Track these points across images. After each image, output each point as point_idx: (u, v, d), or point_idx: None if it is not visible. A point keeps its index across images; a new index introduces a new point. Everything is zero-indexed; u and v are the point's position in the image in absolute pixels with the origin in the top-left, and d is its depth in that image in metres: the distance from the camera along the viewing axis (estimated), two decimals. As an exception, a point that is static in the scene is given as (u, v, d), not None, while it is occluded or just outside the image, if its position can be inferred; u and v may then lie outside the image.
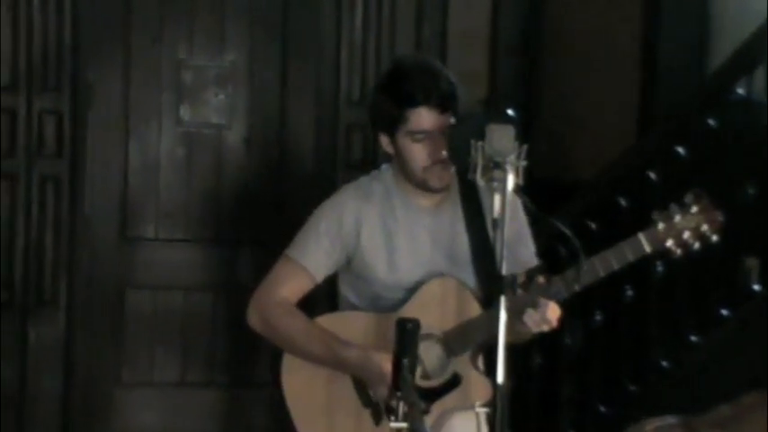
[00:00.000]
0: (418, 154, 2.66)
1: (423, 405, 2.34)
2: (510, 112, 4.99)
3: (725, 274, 4.23)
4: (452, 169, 2.65)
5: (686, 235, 2.61)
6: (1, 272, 5.13)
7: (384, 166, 2.82)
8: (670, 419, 3.98)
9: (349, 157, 5.33)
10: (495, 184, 2.22)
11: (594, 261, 2.57)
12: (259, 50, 5.48)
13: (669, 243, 2.61)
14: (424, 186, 2.70)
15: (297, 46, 5.49)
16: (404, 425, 2.27)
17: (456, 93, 2.71)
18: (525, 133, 2.33)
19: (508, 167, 2.21)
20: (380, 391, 2.58)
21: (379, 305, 2.72)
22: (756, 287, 4.17)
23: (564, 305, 2.49)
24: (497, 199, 2.22)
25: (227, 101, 5.47)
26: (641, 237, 2.61)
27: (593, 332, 4.49)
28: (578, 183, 4.91)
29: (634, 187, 4.37)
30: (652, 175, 4.32)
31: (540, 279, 2.44)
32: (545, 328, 2.58)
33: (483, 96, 5.51)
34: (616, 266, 2.60)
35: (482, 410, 2.47)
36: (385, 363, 2.55)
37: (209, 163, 5.47)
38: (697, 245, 2.62)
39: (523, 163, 2.24)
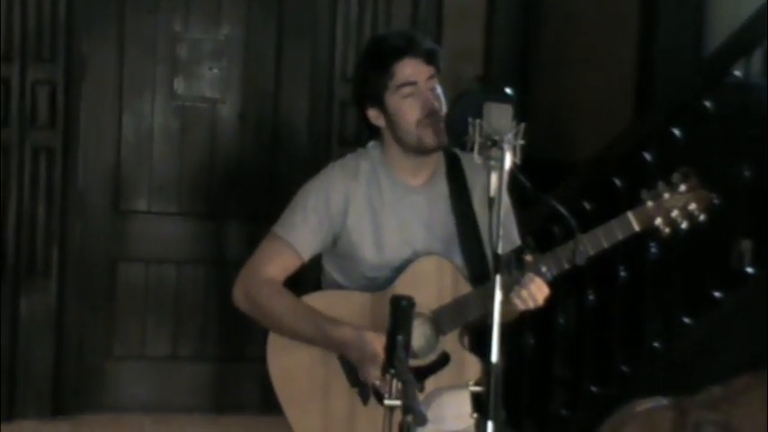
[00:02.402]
0: (409, 108, 2.64)
1: (417, 383, 2.33)
2: (508, 90, 5.00)
3: (718, 256, 4.23)
4: (443, 125, 2.63)
5: (674, 213, 2.61)
6: (-7, 243, 5.12)
7: (370, 144, 2.80)
8: (662, 401, 3.99)
9: (343, 133, 5.32)
10: (492, 162, 2.21)
11: (584, 239, 2.57)
12: (254, 25, 5.46)
13: (658, 221, 2.62)
14: (419, 147, 2.66)
15: (292, 21, 5.47)
16: (397, 402, 2.27)
17: (437, 49, 2.70)
18: (522, 111, 2.31)
19: (505, 146, 2.19)
20: (371, 371, 2.57)
21: (366, 285, 2.69)
22: (749, 269, 4.17)
23: (557, 286, 2.49)
24: (494, 178, 2.20)
25: (222, 75, 5.45)
26: (630, 215, 2.62)
27: (585, 313, 4.49)
28: (575, 163, 4.90)
29: (630, 168, 4.36)
30: (648, 157, 4.31)
31: (528, 257, 2.42)
32: (531, 305, 2.57)
33: (479, 73, 5.50)
34: (605, 244, 2.60)
35: (474, 389, 2.46)
36: (376, 342, 2.54)
37: (202, 137, 5.46)
38: (685, 224, 2.63)
39: (521, 142, 2.23)
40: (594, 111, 5.63)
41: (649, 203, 2.62)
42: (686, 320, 4.25)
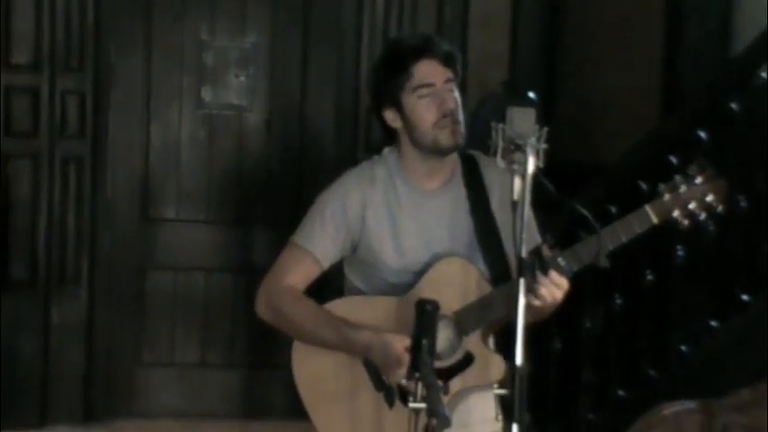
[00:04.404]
0: (426, 109, 2.64)
1: (442, 386, 2.34)
2: (531, 94, 5.02)
3: (745, 259, 4.21)
4: (461, 128, 2.65)
5: (692, 205, 2.61)
6: (24, 252, 5.17)
7: (386, 150, 2.81)
8: (689, 404, 3.98)
9: (369, 139, 5.33)
10: (516, 166, 2.22)
11: (603, 234, 2.56)
12: (280, 32, 5.49)
13: (676, 214, 2.62)
14: (436, 148, 2.67)
15: (318, 28, 5.49)
16: (422, 406, 2.28)
17: (455, 52, 2.71)
18: (547, 116, 2.32)
19: (528, 150, 2.20)
20: (395, 374, 2.58)
21: (388, 290, 2.70)
22: (777, 272, 4.16)
23: (584, 290, 2.48)
24: (517, 182, 2.21)
25: (248, 82, 5.49)
26: (648, 208, 2.62)
27: (612, 316, 4.49)
28: (600, 166, 4.90)
29: (655, 171, 4.35)
30: (673, 160, 4.30)
31: (547, 251, 2.42)
32: (549, 301, 2.56)
33: (504, 79, 5.50)
34: (624, 239, 2.60)
35: (500, 392, 2.47)
36: (399, 344, 2.56)
37: (229, 144, 5.49)
38: (703, 215, 2.63)
39: (544, 146, 2.24)
40: (620, 113, 5.62)
41: (666, 196, 2.62)
42: (713, 324, 4.24)
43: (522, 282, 2.20)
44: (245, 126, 5.50)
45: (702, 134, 4.26)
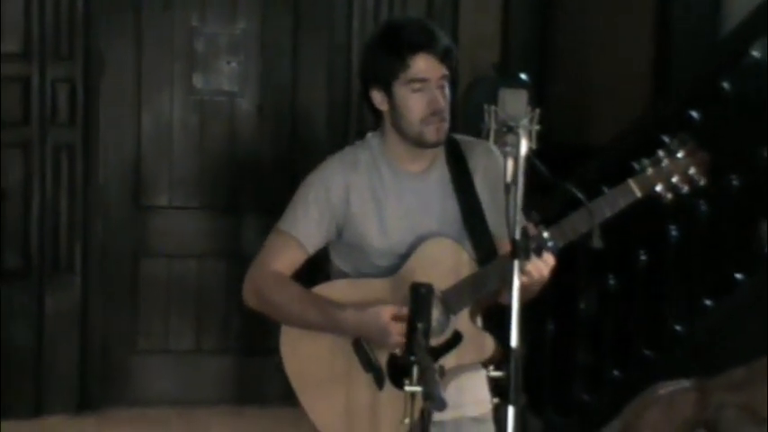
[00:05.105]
0: (416, 104, 2.64)
1: (438, 368, 2.35)
2: (523, 76, 5.01)
3: (739, 238, 4.22)
4: (446, 125, 2.65)
5: (675, 179, 2.62)
6: (16, 241, 5.16)
7: (369, 135, 2.81)
8: (684, 383, 3.99)
9: (361, 125, 5.32)
10: (509, 148, 2.21)
11: (587, 209, 2.57)
12: (271, 18, 5.47)
13: (659, 188, 2.62)
14: (419, 141, 2.67)
15: (309, 13, 5.48)
16: (418, 388, 2.28)
17: (453, 48, 2.70)
18: (540, 98, 2.32)
19: (521, 132, 2.20)
20: (383, 344, 2.59)
21: (374, 273, 2.71)
22: (770, 251, 4.16)
23: (578, 270, 2.49)
24: (510, 163, 2.21)
25: (240, 69, 5.48)
26: (631, 182, 2.63)
27: (607, 297, 4.49)
28: (593, 148, 4.90)
29: (648, 152, 4.35)
30: (666, 140, 4.29)
31: (532, 229, 2.43)
32: (536, 277, 2.56)
33: (495, 61, 5.49)
34: (608, 213, 2.60)
35: (495, 374, 2.47)
36: (384, 314, 2.57)
37: (221, 131, 5.48)
38: (686, 188, 2.63)
39: (536, 127, 2.23)
40: (612, 94, 5.62)
41: (649, 170, 2.63)
42: (707, 303, 4.25)
43: (516, 264, 2.19)
44: (236, 112, 5.50)
45: (695, 114, 4.26)
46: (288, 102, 5.52)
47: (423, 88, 2.63)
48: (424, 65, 2.63)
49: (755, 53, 4.19)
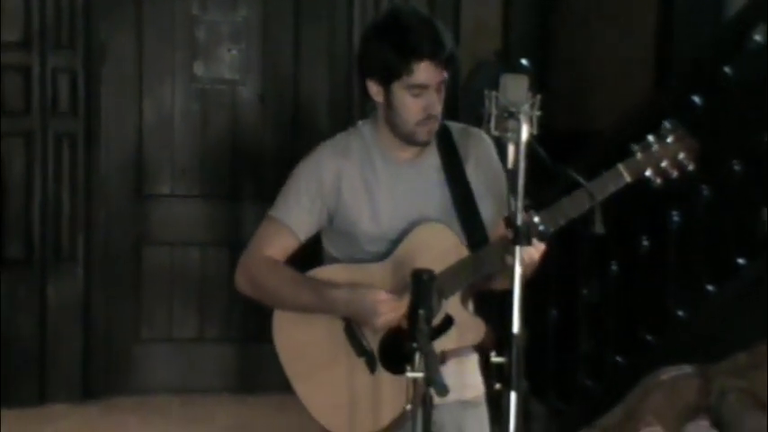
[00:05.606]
0: (413, 107, 2.65)
1: (439, 355, 2.35)
2: (523, 62, 5.00)
3: (741, 223, 4.22)
4: (438, 124, 2.67)
5: (664, 164, 2.64)
6: (19, 231, 5.17)
7: (360, 123, 2.82)
8: (686, 368, 4.00)
9: (362, 113, 5.31)
10: (509, 134, 2.21)
11: (578, 194, 2.58)
12: (272, 6, 5.47)
13: (648, 172, 2.64)
14: (409, 139, 2.69)
15: (310, 1, 5.47)
16: (420, 375, 2.29)
17: (456, 54, 2.71)
18: (541, 85, 2.31)
19: (522, 117, 2.20)
20: (374, 324, 2.60)
21: (366, 259, 2.73)
22: (773, 236, 4.16)
23: (580, 257, 2.49)
24: (511, 149, 2.21)
25: (241, 57, 5.47)
26: (621, 167, 2.65)
27: (609, 283, 4.49)
28: (594, 134, 4.89)
29: (650, 138, 4.35)
30: (668, 126, 4.29)
31: (525, 216, 2.42)
32: (526, 260, 2.55)
33: (497, 48, 5.48)
34: (599, 198, 2.61)
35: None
36: (375, 294, 2.59)
37: (223, 119, 5.48)
38: (675, 173, 2.65)
39: (537, 113, 2.23)
40: (615, 80, 5.61)
41: (639, 155, 2.65)
42: (710, 288, 4.24)
43: (518, 250, 2.20)
44: (238, 100, 5.49)
45: (697, 99, 4.26)
46: (289, 90, 5.52)
47: (422, 93, 2.63)
48: (426, 72, 2.63)
49: (758, 38, 4.18)
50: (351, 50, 5.34)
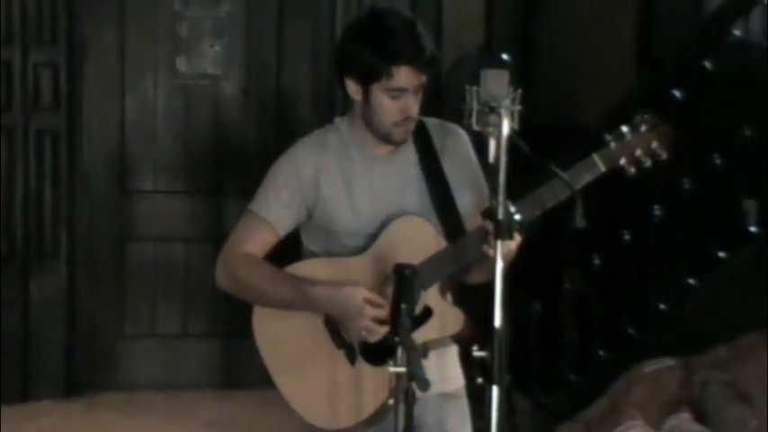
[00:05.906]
0: (391, 109, 2.66)
1: (421, 346, 2.36)
2: (504, 56, 5.00)
3: (722, 216, 4.24)
4: (414, 124, 2.68)
5: (638, 153, 2.67)
6: (1, 226, 5.15)
7: (337, 119, 2.83)
8: (669, 361, 4.02)
9: (345, 108, 5.30)
10: (491, 128, 2.22)
11: (553, 183, 2.59)
12: (255, 1, 5.46)
13: (622, 161, 2.67)
14: (386, 139, 2.71)
15: (292, -4, 5.47)
16: (402, 369, 2.29)
17: (437, 57, 2.72)
18: (524, 79, 2.32)
19: (503, 112, 2.20)
20: (356, 325, 2.60)
21: (345, 254, 2.73)
22: (753, 229, 4.18)
23: (563, 251, 2.50)
24: (493, 144, 2.22)
25: (224, 52, 5.46)
26: (595, 156, 2.67)
27: (592, 277, 4.51)
28: (576, 128, 4.91)
29: (631, 132, 4.36)
30: (642, 115, 4.31)
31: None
32: (503, 251, 2.57)
33: (480, 42, 5.49)
34: (576, 187, 2.62)
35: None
36: (359, 295, 2.59)
37: (206, 114, 5.47)
38: (648, 162, 2.67)
39: (518, 107, 2.24)
40: (596, 75, 5.63)
41: (613, 144, 2.67)
42: (691, 281, 4.27)
43: (499, 245, 2.21)
44: (221, 95, 5.48)
45: (678, 93, 4.28)
46: (272, 85, 5.51)
47: (401, 96, 2.64)
48: (406, 77, 2.63)
49: (737, 32, 4.20)
50: (334, 45, 5.34)
